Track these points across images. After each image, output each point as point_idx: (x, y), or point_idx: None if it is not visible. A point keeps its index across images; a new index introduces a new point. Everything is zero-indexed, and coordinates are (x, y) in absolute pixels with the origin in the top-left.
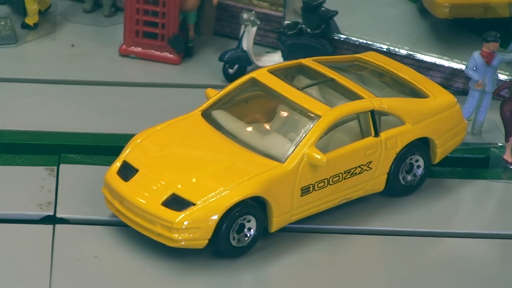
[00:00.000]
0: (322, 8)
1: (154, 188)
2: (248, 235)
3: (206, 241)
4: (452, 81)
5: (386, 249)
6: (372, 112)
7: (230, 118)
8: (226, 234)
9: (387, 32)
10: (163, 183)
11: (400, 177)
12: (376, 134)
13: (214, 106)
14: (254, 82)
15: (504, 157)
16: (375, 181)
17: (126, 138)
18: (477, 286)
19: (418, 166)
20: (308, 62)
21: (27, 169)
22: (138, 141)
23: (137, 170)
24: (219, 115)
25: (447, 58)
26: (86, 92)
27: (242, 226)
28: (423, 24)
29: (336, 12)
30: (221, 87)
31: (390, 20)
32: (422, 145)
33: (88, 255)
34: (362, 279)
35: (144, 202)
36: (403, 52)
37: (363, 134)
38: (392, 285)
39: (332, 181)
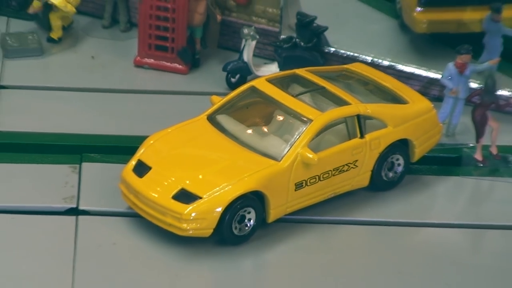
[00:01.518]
0: (314, 24)
1: (165, 183)
2: (248, 225)
3: (211, 231)
4: (429, 89)
5: (370, 237)
6: (358, 116)
7: (233, 121)
8: (229, 224)
9: (372, 45)
10: (173, 179)
11: (383, 174)
12: (362, 136)
13: (218, 111)
14: (253, 89)
15: (475, 156)
16: (361, 177)
17: (140, 140)
18: (451, 270)
19: (399, 164)
20: (301, 72)
21: (52, 167)
22: (151, 142)
23: (150, 168)
24: (223, 119)
25: (424, 68)
26: (105, 98)
27: (243, 217)
28: (403, 38)
29: (326, 28)
30: (224, 94)
31: (374, 35)
32: (402, 146)
33: (107, 242)
34: (349, 263)
35: (156, 196)
36: (386, 63)
37: (350, 136)
38: (376, 269)
39: (323, 177)
